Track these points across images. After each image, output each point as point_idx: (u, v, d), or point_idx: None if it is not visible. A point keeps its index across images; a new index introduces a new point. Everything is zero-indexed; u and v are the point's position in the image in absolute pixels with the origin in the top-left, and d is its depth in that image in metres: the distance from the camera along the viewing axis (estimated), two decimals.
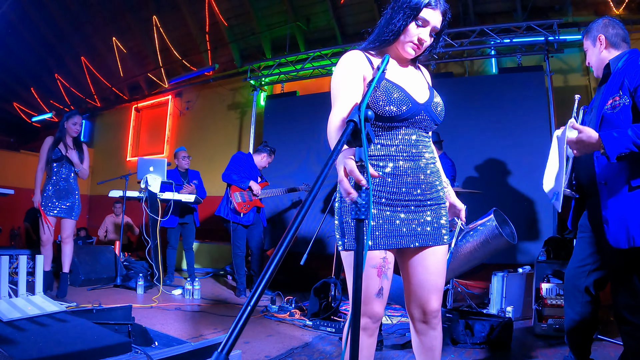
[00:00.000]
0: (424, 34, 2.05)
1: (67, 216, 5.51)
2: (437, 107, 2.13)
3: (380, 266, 2.04)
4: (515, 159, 6.66)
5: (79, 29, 12.24)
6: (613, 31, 2.80)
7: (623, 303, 2.64)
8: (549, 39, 7.02)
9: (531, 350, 3.88)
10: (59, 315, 2.19)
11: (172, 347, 1.77)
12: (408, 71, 2.21)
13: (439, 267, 2.12)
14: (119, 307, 2.60)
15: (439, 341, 2.20)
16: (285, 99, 9.32)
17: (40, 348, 1.68)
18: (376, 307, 2.06)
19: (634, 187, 2.50)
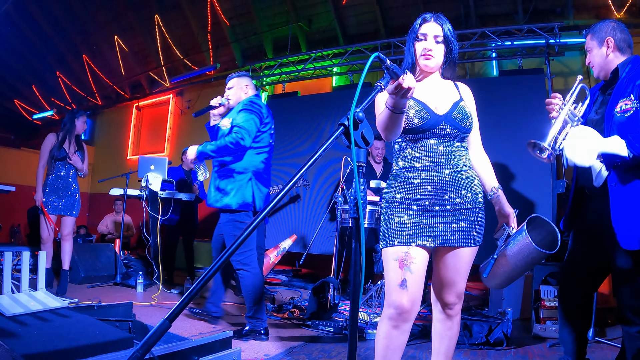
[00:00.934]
0: (427, 44, 2.35)
1: (67, 213, 5.54)
2: (460, 116, 2.36)
3: (402, 259, 2.27)
4: (515, 161, 6.66)
5: (81, 27, 12.26)
6: (621, 36, 2.84)
7: (628, 304, 2.66)
8: (549, 42, 7.03)
9: (529, 351, 3.89)
10: (61, 310, 2.21)
11: (173, 344, 1.79)
12: (435, 87, 2.43)
13: (458, 267, 2.35)
14: (120, 304, 2.62)
15: (454, 332, 2.47)
16: (286, 99, 9.33)
17: (43, 342, 1.70)
18: (399, 298, 2.23)
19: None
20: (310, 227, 7.37)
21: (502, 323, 4.00)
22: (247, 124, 4.04)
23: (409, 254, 2.28)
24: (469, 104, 2.47)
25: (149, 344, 1.16)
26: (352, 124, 1.36)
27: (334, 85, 9.50)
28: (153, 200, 6.38)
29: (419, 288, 2.27)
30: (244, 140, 3.98)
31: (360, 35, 9.35)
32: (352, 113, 1.38)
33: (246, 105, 4.17)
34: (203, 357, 1.86)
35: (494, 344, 3.93)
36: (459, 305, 2.45)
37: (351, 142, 1.37)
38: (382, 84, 1.79)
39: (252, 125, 4.08)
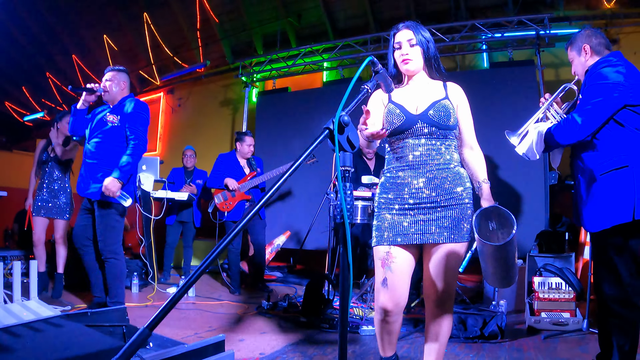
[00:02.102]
0: (403, 50, 2.50)
1: (58, 217, 5.53)
2: (437, 113, 2.42)
3: (383, 259, 2.44)
4: (507, 153, 6.61)
5: (69, 27, 12.16)
6: (596, 40, 2.96)
7: (611, 295, 2.71)
8: (540, 33, 7.04)
9: (523, 344, 3.91)
10: (54, 320, 2.21)
11: (167, 349, 1.79)
12: (420, 89, 2.55)
13: (443, 263, 2.40)
14: (114, 308, 2.62)
15: (443, 329, 2.49)
16: (277, 95, 9.32)
17: (35, 355, 1.70)
18: (380, 297, 2.44)
19: (603, 174, 2.68)
20: (304, 223, 7.38)
21: (496, 316, 4.01)
22: (145, 132, 4.45)
23: (390, 254, 2.44)
24: (456, 101, 2.52)
25: (129, 354, 1.17)
26: (338, 127, 1.36)
27: (325, 80, 9.49)
28: (146, 201, 6.37)
29: (399, 286, 2.42)
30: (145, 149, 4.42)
31: (350, 29, 9.32)
32: (338, 117, 1.38)
33: (142, 111, 4.48)
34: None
35: (488, 337, 3.95)
36: (449, 302, 2.47)
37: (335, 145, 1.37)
38: (369, 87, 1.81)
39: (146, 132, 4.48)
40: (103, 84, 4.52)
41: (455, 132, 2.52)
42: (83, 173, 4.36)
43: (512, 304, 5.16)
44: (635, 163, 2.59)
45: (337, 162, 1.41)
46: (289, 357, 3.47)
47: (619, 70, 2.68)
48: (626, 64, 2.73)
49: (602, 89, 2.66)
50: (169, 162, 9.54)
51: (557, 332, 4.18)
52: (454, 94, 2.54)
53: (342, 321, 1.43)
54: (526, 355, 3.61)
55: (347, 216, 1.40)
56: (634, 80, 2.65)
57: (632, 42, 7.05)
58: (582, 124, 2.69)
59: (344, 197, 1.41)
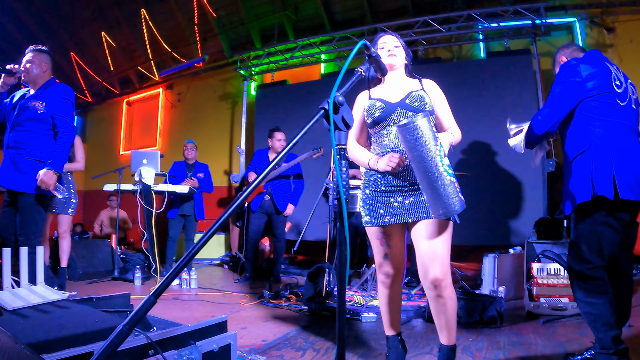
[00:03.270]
0: (388, 46, 2.79)
1: (62, 212, 5.55)
2: (413, 100, 2.64)
3: (379, 238, 2.72)
4: (504, 141, 6.69)
5: (67, 24, 12.17)
6: (568, 50, 3.22)
7: (575, 269, 2.86)
8: (536, 23, 7.07)
9: (522, 328, 3.95)
10: (61, 302, 2.26)
11: (170, 329, 1.84)
12: (398, 84, 2.79)
13: (433, 237, 2.51)
14: (118, 295, 2.67)
15: (447, 307, 2.56)
16: (275, 87, 9.37)
17: (45, 332, 1.75)
18: (385, 267, 2.76)
19: (571, 161, 2.92)
20: (304, 214, 7.42)
21: (495, 301, 4.05)
22: (72, 119, 4.24)
23: (384, 232, 2.70)
24: (433, 95, 2.75)
25: (136, 319, 1.23)
26: (332, 107, 1.41)
27: (323, 72, 9.52)
28: (147, 194, 6.42)
29: (398, 256, 2.76)
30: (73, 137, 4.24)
31: (347, 21, 9.34)
32: (333, 97, 1.42)
33: (69, 96, 4.24)
34: (200, 340, 1.92)
35: (488, 322, 3.99)
36: (446, 280, 2.51)
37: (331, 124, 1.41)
38: (363, 70, 1.87)
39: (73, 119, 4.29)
40: (24, 65, 4.16)
41: (432, 119, 2.69)
42: (3, 163, 4.07)
43: (512, 290, 5.20)
44: (591, 146, 2.79)
45: (332, 140, 1.45)
46: (291, 343, 3.52)
47: (576, 70, 2.86)
48: (589, 61, 2.89)
49: (558, 91, 2.91)
50: (170, 156, 9.57)
51: (556, 317, 4.21)
52: (430, 88, 2.78)
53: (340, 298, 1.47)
54: (525, 339, 3.64)
55: (343, 192, 1.44)
56: (594, 74, 2.82)
57: (628, 30, 7.08)
58: (541, 119, 2.97)
59: (339, 173, 1.46)
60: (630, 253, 2.98)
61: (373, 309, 4.54)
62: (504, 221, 6.76)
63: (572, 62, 2.89)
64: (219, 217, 1.38)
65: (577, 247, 2.84)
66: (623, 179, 2.67)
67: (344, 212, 1.46)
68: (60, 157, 4.01)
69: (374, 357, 3.20)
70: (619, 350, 2.65)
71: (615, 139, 2.75)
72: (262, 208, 6.46)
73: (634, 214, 2.89)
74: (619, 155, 2.72)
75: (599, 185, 2.69)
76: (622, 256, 2.91)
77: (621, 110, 2.80)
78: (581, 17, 7.28)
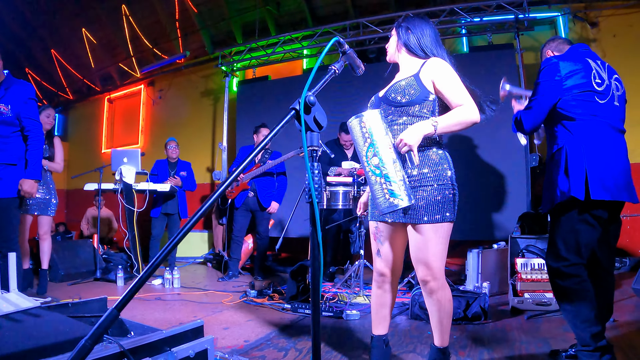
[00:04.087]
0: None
1: (42, 213, 5.45)
2: (393, 90, 2.56)
3: (374, 233, 2.73)
4: (487, 135, 6.73)
5: (47, 21, 11.99)
6: (554, 43, 3.24)
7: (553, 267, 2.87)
8: (519, 17, 7.07)
9: (506, 324, 3.96)
10: (34, 310, 2.20)
11: (144, 336, 1.79)
12: (398, 74, 2.77)
13: (418, 242, 2.48)
14: (95, 299, 2.61)
15: (436, 307, 2.55)
16: (257, 83, 9.32)
17: (14, 343, 1.70)
18: (377, 264, 2.75)
19: (549, 158, 2.96)
20: (287, 211, 7.40)
21: (479, 297, 4.05)
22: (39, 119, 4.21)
23: (378, 228, 2.70)
24: (430, 76, 2.53)
25: (98, 334, 1.18)
26: (304, 107, 1.37)
27: (305, 67, 9.47)
28: (128, 193, 6.35)
29: (391, 255, 2.70)
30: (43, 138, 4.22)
31: (329, 16, 9.28)
32: (304, 97, 1.39)
33: (33, 96, 4.17)
34: (175, 347, 1.88)
35: (472, 319, 4.00)
36: (432, 282, 2.49)
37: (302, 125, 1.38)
38: (336, 67, 1.83)
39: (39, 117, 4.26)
40: None
41: (425, 106, 2.53)
42: None
43: (496, 285, 5.21)
44: (566, 144, 2.81)
45: (304, 142, 1.41)
46: (274, 343, 3.49)
47: (556, 69, 2.84)
48: (570, 58, 2.89)
49: (539, 89, 2.90)
50: (151, 154, 9.48)
51: (540, 312, 4.23)
52: (427, 69, 2.55)
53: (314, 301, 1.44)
54: (509, 335, 3.65)
55: (314, 195, 1.40)
56: (573, 72, 2.81)
57: (611, 25, 7.11)
58: (526, 118, 2.96)
59: (311, 176, 1.42)
60: (610, 249, 2.98)
61: (357, 307, 4.53)
62: (487, 216, 6.77)
63: (553, 59, 2.87)
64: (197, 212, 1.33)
65: (554, 244, 2.84)
66: (597, 179, 2.66)
67: (317, 217, 1.42)
68: (36, 162, 4.01)
69: (356, 357, 3.18)
70: (599, 347, 2.64)
71: (591, 137, 2.75)
72: (246, 205, 6.44)
73: (614, 211, 2.88)
74: (594, 154, 2.71)
75: (572, 185, 2.70)
76: (601, 253, 2.93)
77: (600, 108, 2.78)
78: (564, 11, 7.29)
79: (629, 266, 6.18)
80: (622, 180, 2.74)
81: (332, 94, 7.81)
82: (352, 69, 2.09)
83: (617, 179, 2.71)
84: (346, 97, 7.71)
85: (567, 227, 2.78)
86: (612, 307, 3.07)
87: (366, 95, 2.88)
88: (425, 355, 3.07)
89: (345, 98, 7.72)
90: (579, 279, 2.73)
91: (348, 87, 7.71)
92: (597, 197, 2.64)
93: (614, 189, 2.69)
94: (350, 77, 2.11)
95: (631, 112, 6.35)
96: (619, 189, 2.71)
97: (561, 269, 2.77)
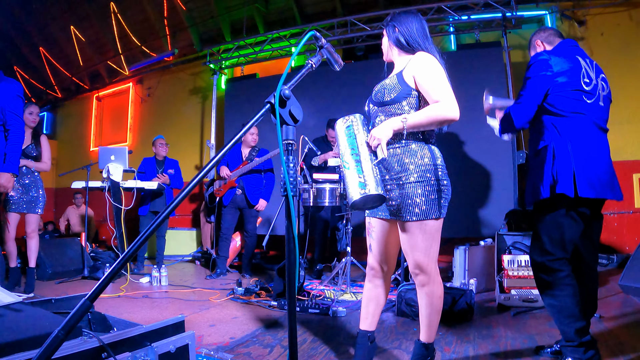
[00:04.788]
0: None
1: (29, 211, 5.39)
2: (378, 92, 2.59)
3: (368, 228, 2.77)
4: (474, 133, 6.74)
5: (36, 19, 11.92)
6: (545, 34, 3.18)
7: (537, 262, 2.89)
8: (506, 15, 7.10)
9: (492, 321, 3.98)
10: (15, 305, 2.20)
11: (124, 330, 1.80)
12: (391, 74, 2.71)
13: (404, 238, 2.53)
14: (78, 295, 2.61)
15: (427, 302, 2.58)
16: (245, 81, 9.31)
17: None
18: (368, 259, 2.78)
19: (533, 155, 2.97)
20: (274, 209, 7.41)
21: (465, 294, 4.06)
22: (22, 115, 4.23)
23: (370, 224, 2.75)
24: (412, 72, 2.52)
25: (71, 325, 1.18)
26: (279, 101, 1.38)
27: (293, 65, 9.46)
28: (115, 191, 6.33)
29: (381, 250, 2.72)
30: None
31: (318, 14, 9.28)
32: (279, 90, 1.39)
33: (19, 92, 4.22)
34: (155, 342, 1.88)
35: (458, 315, 4.00)
36: (421, 276, 2.53)
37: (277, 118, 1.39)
38: (313, 62, 1.84)
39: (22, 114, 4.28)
40: None
41: (407, 103, 2.52)
42: None
43: (483, 282, 5.23)
44: (552, 141, 2.82)
45: (278, 135, 1.42)
46: (259, 340, 3.49)
47: (547, 64, 2.84)
48: (561, 53, 2.89)
49: (529, 85, 2.87)
50: (139, 152, 9.47)
51: (526, 309, 4.26)
52: (411, 66, 2.53)
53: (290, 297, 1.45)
54: (495, 331, 3.66)
55: (290, 189, 1.41)
56: (564, 70, 2.81)
57: (598, 24, 7.15)
58: (517, 113, 2.91)
59: (286, 170, 1.43)
60: (593, 245, 3.01)
61: (343, 304, 4.54)
62: (474, 213, 6.79)
63: (544, 55, 2.87)
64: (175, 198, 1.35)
65: (539, 239, 2.86)
66: (584, 177, 2.69)
67: (292, 210, 1.43)
68: (15, 157, 4.01)
69: (342, 353, 3.18)
70: (583, 342, 2.66)
71: (578, 135, 2.77)
72: (234, 202, 6.44)
73: (596, 208, 2.92)
74: (581, 152, 2.74)
75: (560, 183, 2.71)
76: (585, 248, 2.97)
77: (587, 108, 2.80)
78: (552, 10, 7.33)
79: (617, 263, 6.24)
80: (606, 178, 2.77)
81: (320, 92, 7.82)
82: (330, 64, 2.08)
83: (601, 177, 2.74)
84: (334, 95, 7.73)
85: (552, 222, 2.80)
86: (596, 303, 3.09)
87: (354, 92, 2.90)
88: (411, 351, 3.09)
89: (333, 96, 7.74)
90: (563, 274, 2.76)
91: (336, 85, 7.73)
92: (584, 195, 2.67)
93: (599, 186, 2.72)
94: (339, 74, 2.12)
95: (619, 111, 6.41)
96: (603, 186, 2.75)
97: (546, 263, 2.80)
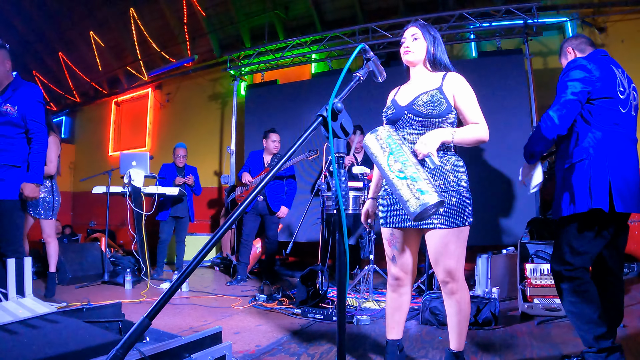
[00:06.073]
0: (406, 43, 2.73)
1: (45, 217, 5.39)
2: (420, 102, 2.57)
3: (389, 240, 2.75)
4: (496, 141, 6.67)
5: (55, 24, 12.04)
6: (576, 41, 3.16)
7: (555, 270, 2.89)
8: (527, 22, 7.05)
9: (517, 330, 3.95)
10: (50, 316, 2.19)
11: (164, 342, 1.79)
12: (417, 83, 2.75)
13: (437, 246, 2.53)
14: (109, 304, 2.60)
15: (454, 310, 2.61)
16: (265, 87, 9.32)
17: (33, 350, 1.69)
18: (392, 270, 2.79)
19: (567, 167, 2.88)
20: (295, 215, 7.40)
21: (489, 303, 4.04)
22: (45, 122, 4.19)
23: (393, 235, 2.73)
24: (452, 90, 2.61)
25: (130, 343, 1.18)
26: (331, 114, 1.37)
27: (313, 72, 9.48)
28: (137, 197, 6.36)
29: (406, 259, 2.74)
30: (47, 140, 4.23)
31: (338, 20, 9.29)
32: (331, 104, 1.38)
33: (40, 98, 4.17)
34: (195, 353, 1.87)
35: (482, 324, 3.98)
36: (452, 284, 2.56)
37: (329, 133, 1.37)
38: (361, 74, 1.84)
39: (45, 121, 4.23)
40: None
41: (448, 120, 2.61)
42: None
43: (505, 291, 5.20)
44: (590, 155, 2.77)
45: (331, 149, 1.41)
46: (285, 348, 3.48)
47: (587, 69, 2.80)
48: (595, 61, 2.84)
49: (570, 89, 2.80)
50: (159, 157, 9.49)
51: (550, 318, 4.22)
52: (449, 83, 2.64)
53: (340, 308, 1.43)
54: (520, 340, 3.64)
55: (342, 202, 1.40)
56: (602, 76, 2.78)
57: (619, 30, 7.09)
58: (554, 121, 2.81)
59: (339, 183, 1.41)
60: (619, 255, 3.00)
61: (366, 311, 4.51)
62: (496, 221, 6.75)
63: (582, 60, 2.84)
64: (222, 225, 1.34)
65: (560, 249, 2.86)
66: (618, 192, 2.67)
67: (344, 224, 1.42)
68: (39, 166, 4.01)
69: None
70: (604, 348, 2.65)
71: (614, 149, 2.74)
72: (256, 209, 6.45)
73: (623, 220, 2.90)
74: (616, 166, 2.71)
75: (595, 197, 2.68)
76: (611, 260, 2.97)
77: (622, 118, 2.78)
78: (573, 17, 7.28)
79: (637, 271, 6.17)
80: (635, 190, 2.75)
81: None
82: (373, 76, 2.10)
83: (631, 190, 2.73)
84: (353, 101, 7.71)
85: (580, 235, 2.79)
86: (622, 312, 3.07)
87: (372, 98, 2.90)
88: None
89: (352, 102, 7.72)
90: (580, 281, 2.76)
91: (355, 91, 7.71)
92: (620, 210, 2.64)
93: (629, 200, 2.70)
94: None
95: None
96: (633, 199, 2.73)
97: (562, 272, 2.81)
